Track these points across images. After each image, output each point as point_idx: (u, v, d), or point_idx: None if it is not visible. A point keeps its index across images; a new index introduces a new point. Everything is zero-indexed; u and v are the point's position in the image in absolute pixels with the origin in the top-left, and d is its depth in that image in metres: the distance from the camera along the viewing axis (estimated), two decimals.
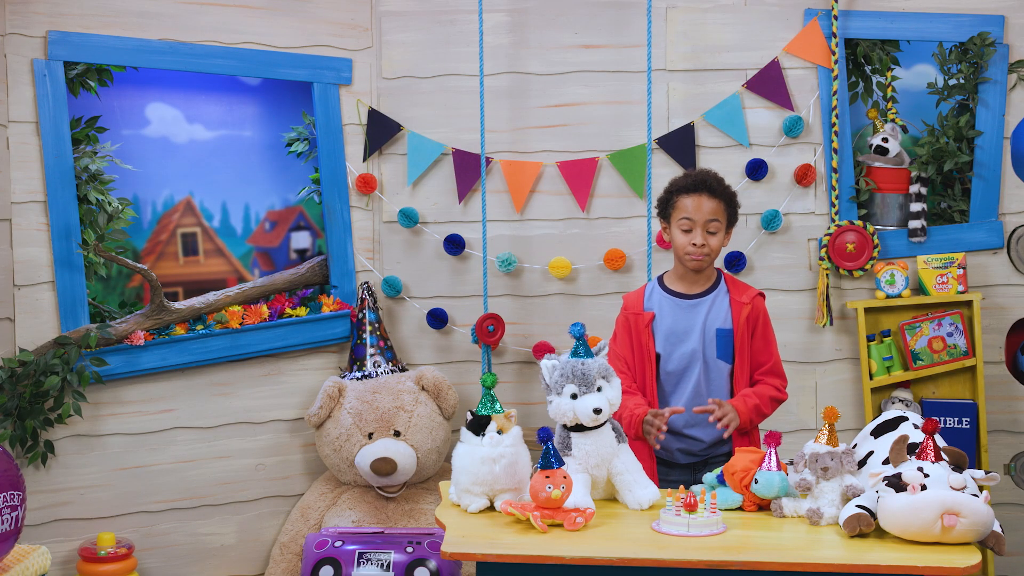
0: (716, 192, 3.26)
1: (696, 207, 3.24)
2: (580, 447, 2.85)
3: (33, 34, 3.85)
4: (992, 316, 4.27)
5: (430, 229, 4.37)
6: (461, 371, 4.39)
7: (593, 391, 2.80)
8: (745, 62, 4.30)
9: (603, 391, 2.81)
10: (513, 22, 4.34)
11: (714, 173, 3.33)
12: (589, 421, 2.81)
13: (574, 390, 2.81)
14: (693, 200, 3.25)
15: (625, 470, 2.87)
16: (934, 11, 4.25)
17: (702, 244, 3.23)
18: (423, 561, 3.79)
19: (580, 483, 2.83)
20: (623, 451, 2.88)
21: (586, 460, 2.85)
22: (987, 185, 4.26)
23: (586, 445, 2.85)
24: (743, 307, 3.28)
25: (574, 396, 2.81)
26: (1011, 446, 4.30)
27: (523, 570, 2.60)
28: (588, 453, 2.85)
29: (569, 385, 2.81)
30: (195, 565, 4.18)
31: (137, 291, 4.08)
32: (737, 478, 2.86)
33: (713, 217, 3.24)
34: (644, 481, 2.88)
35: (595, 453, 2.85)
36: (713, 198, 3.25)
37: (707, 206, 3.24)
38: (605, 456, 2.85)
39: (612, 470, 2.87)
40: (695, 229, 3.24)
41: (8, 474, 3.08)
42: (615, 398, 2.83)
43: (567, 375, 2.82)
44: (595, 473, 2.87)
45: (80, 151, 3.94)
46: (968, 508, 2.53)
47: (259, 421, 4.24)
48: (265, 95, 4.27)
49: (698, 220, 3.24)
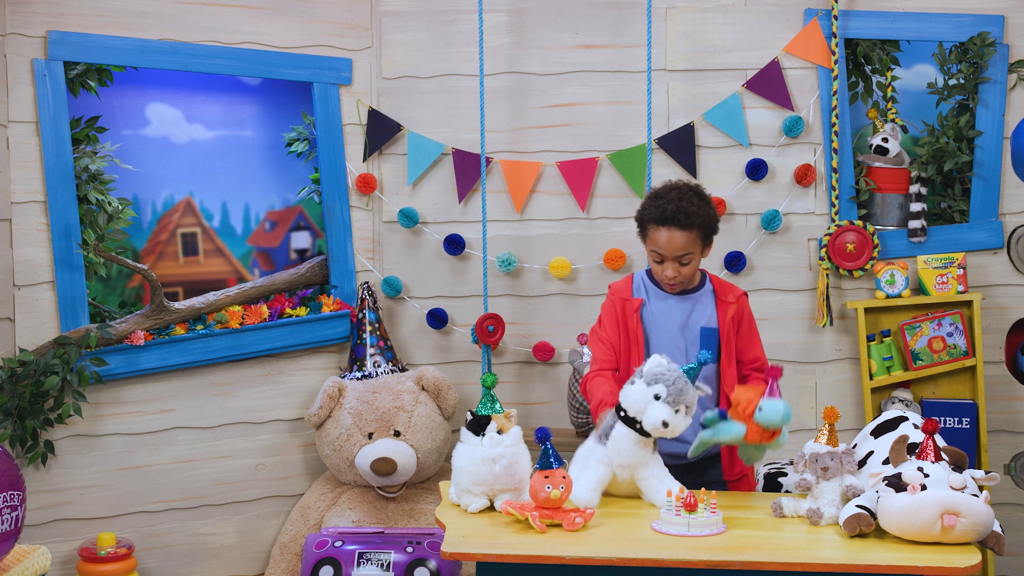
0: (687, 225, 3.08)
1: (667, 243, 3.10)
2: (619, 441, 2.85)
3: (33, 34, 3.85)
4: (992, 316, 4.27)
5: (430, 229, 4.37)
6: (461, 371, 4.39)
7: (677, 407, 2.80)
8: (745, 62, 4.30)
9: (679, 414, 2.81)
10: (513, 22, 4.34)
11: (689, 196, 3.13)
12: (650, 428, 2.81)
13: (663, 394, 2.80)
14: (663, 235, 3.10)
15: (652, 476, 2.88)
16: (934, 11, 4.25)
17: (673, 275, 3.14)
18: (423, 561, 3.79)
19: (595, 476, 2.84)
20: (655, 460, 2.89)
21: (616, 455, 2.85)
22: (987, 185, 4.26)
23: (625, 442, 2.85)
24: (729, 306, 3.21)
25: (658, 397, 2.81)
26: (1011, 446, 4.30)
27: (523, 570, 2.61)
28: (621, 451, 2.85)
29: (662, 386, 2.81)
30: (195, 565, 4.18)
31: (137, 291, 4.08)
32: (740, 408, 2.85)
33: (684, 252, 3.11)
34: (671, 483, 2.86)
35: (628, 454, 2.85)
36: (684, 231, 3.08)
37: (678, 241, 3.10)
38: (636, 462, 2.86)
39: (638, 475, 2.88)
40: (666, 262, 3.13)
41: (8, 474, 3.08)
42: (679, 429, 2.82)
43: (668, 380, 2.81)
44: (619, 472, 2.87)
45: (80, 151, 3.94)
46: (968, 508, 2.53)
47: (259, 421, 4.24)
48: (265, 95, 4.27)
49: (668, 255, 3.12)
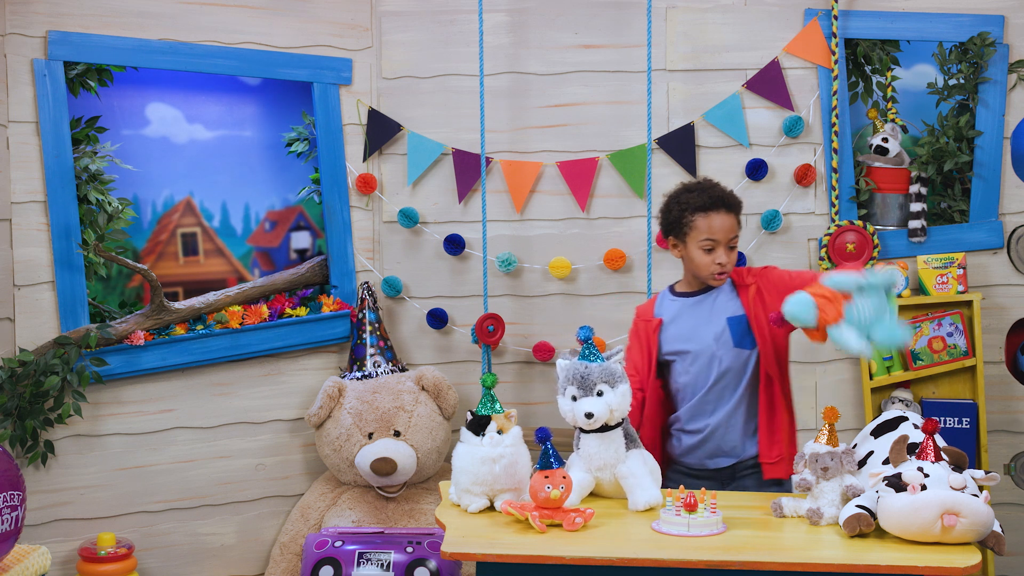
0: (732, 207, 3.19)
1: (720, 227, 3.16)
2: (586, 447, 2.86)
3: (33, 34, 3.85)
4: (992, 316, 4.27)
5: (430, 229, 4.37)
6: (461, 371, 4.39)
7: (592, 395, 2.80)
8: (745, 62, 4.30)
9: (604, 396, 2.81)
10: (513, 22, 4.34)
11: (722, 185, 3.26)
12: (584, 424, 2.82)
13: (575, 392, 2.82)
14: (713, 219, 3.16)
15: (630, 474, 2.86)
16: (934, 11, 4.25)
17: (726, 261, 3.17)
18: (423, 561, 3.79)
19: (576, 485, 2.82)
20: (632, 456, 2.87)
21: (590, 460, 2.86)
22: (987, 185, 4.26)
23: (591, 447, 2.86)
24: (748, 289, 3.21)
25: (575, 398, 2.82)
26: (1011, 446, 4.29)
27: (523, 570, 2.61)
28: (592, 455, 2.86)
29: (571, 387, 2.83)
30: (195, 565, 4.18)
31: (137, 291, 4.08)
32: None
33: (734, 233, 3.18)
34: (647, 485, 2.86)
35: (599, 456, 2.86)
36: (730, 213, 3.18)
37: (727, 223, 3.17)
38: (609, 460, 2.86)
39: (618, 474, 2.87)
40: (718, 248, 3.16)
41: (8, 474, 3.08)
42: (617, 404, 2.81)
43: (569, 377, 2.83)
44: (599, 475, 2.88)
45: (80, 151, 3.94)
46: (968, 508, 2.53)
47: (259, 421, 4.24)
48: (265, 95, 4.27)
49: (722, 240, 3.16)
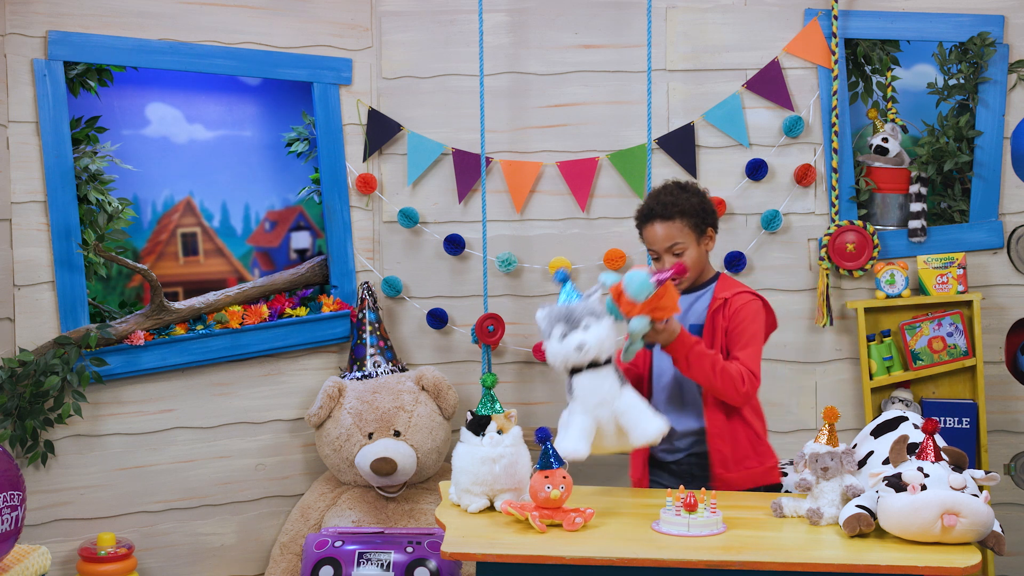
0: (666, 215, 3.13)
1: (653, 238, 3.15)
2: (579, 387, 2.83)
3: (33, 34, 3.85)
4: (992, 316, 4.27)
5: (430, 229, 4.37)
6: (461, 371, 4.39)
7: (579, 329, 2.80)
8: (745, 62, 4.30)
9: (591, 329, 2.80)
10: (513, 22, 4.34)
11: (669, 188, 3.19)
12: (575, 357, 2.80)
13: (562, 330, 2.81)
14: (649, 231, 3.16)
15: (630, 407, 2.84)
16: (934, 11, 4.25)
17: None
18: (423, 561, 3.79)
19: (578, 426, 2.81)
20: (627, 391, 2.85)
21: (586, 399, 2.83)
22: (987, 185, 4.26)
23: (584, 384, 2.83)
24: (716, 302, 3.18)
25: (563, 337, 2.81)
26: (1011, 446, 4.30)
27: (523, 570, 2.61)
28: (587, 393, 2.83)
29: (557, 327, 2.81)
30: (195, 565, 4.18)
31: (137, 291, 4.08)
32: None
33: (671, 243, 3.14)
34: (650, 414, 2.84)
35: (595, 391, 2.82)
36: (665, 221, 3.13)
37: (660, 233, 3.13)
38: (606, 396, 2.83)
39: (616, 409, 2.84)
40: (663, 257, 3.16)
41: (8, 474, 3.08)
42: (602, 335, 2.80)
43: (554, 318, 2.82)
44: (598, 414, 2.83)
45: (80, 151, 3.94)
46: (968, 508, 2.53)
47: (259, 421, 4.24)
48: (265, 95, 4.27)
49: (660, 249, 3.16)
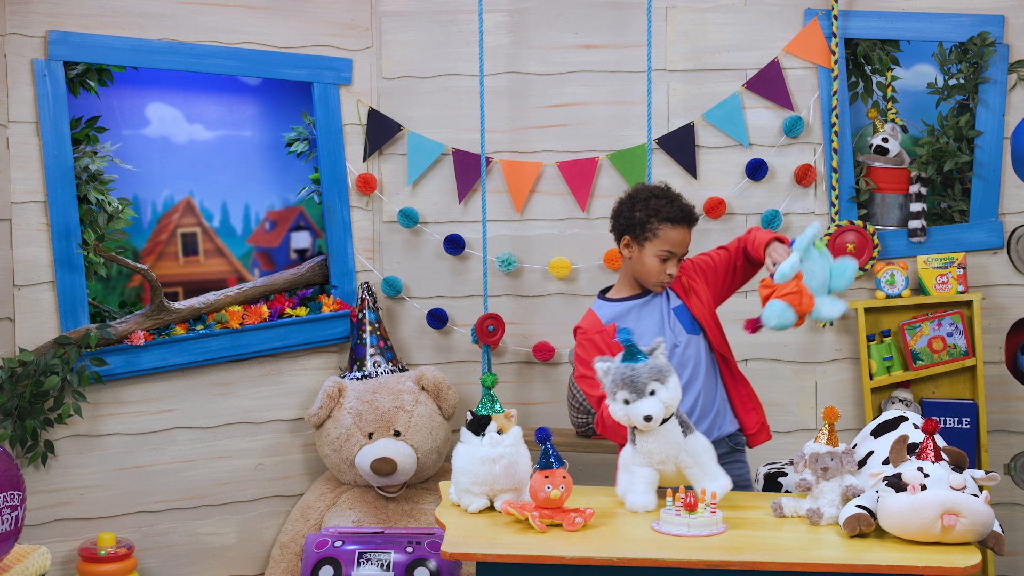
0: (694, 222, 3.24)
1: (682, 241, 3.20)
2: (643, 445, 2.83)
3: (33, 34, 3.85)
4: (992, 316, 4.27)
5: (430, 229, 4.37)
6: (461, 371, 4.39)
7: (645, 396, 2.78)
8: (745, 62, 4.30)
9: (656, 394, 2.78)
10: (513, 22, 4.34)
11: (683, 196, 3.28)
12: (642, 427, 2.79)
13: (626, 396, 2.80)
14: (680, 233, 3.19)
15: (693, 464, 2.83)
16: (934, 11, 4.25)
17: (675, 272, 3.21)
18: (423, 561, 3.79)
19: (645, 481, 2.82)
20: (691, 442, 2.84)
21: (651, 455, 2.83)
22: (987, 185, 4.26)
23: (649, 443, 2.82)
24: (679, 279, 3.27)
25: (627, 402, 2.80)
26: (1011, 446, 4.29)
27: (523, 570, 2.61)
28: (651, 451, 2.82)
29: (621, 392, 2.80)
30: (195, 565, 4.18)
31: (137, 291, 4.08)
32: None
33: (688, 249, 3.24)
34: (713, 472, 2.84)
35: (659, 450, 2.82)
36: (690, 228, 3.23)
37: (688, 239, 3.22)
38: (670, 452, 2.82)
39: (680, 464, 2.83)
40: (672, 260, 3.20)
41: (8, 474, 3.08)
42: (671, 399, 2.79)
43: (618, 382, 2.80)
44: (662, 468, 2.84)
45: (80, 151, 3.94)
46: (968, 508, 2.53)
47: (259, 421, 4.24)
48: (265, 95, 4.27)
49: (679, 253, 3.21)
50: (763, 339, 3.36)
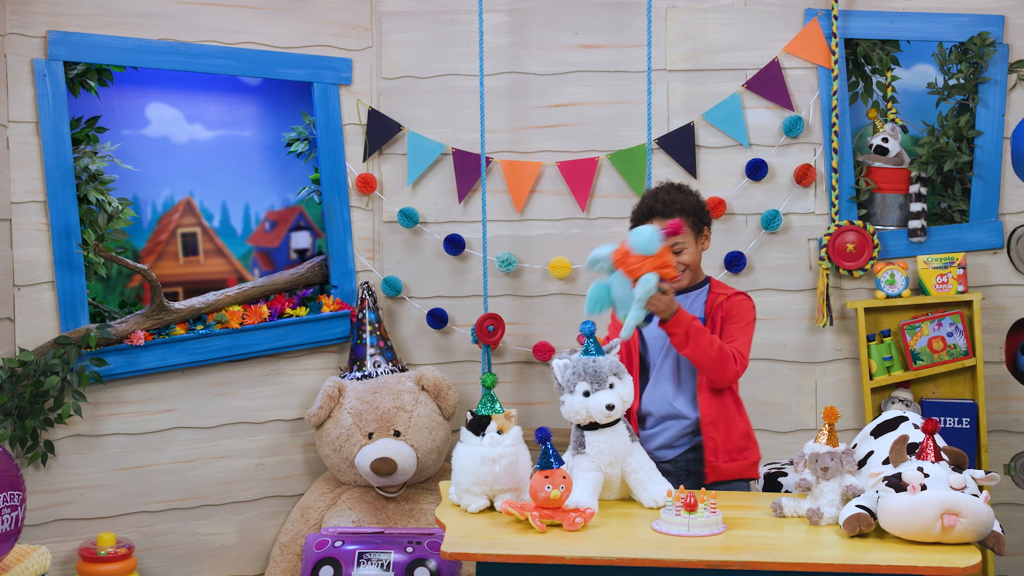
0: (667, 213, 3.19)
1: None
2: (594, 445, 2.85)
3: (33, 34, 3.85)
4: (992, 316, 4.27)
5: (430, 229, 4.37)
6: (461, 371, 4.39)
7: (605, 388, 2.82)
8: (745, 62, 4.30)
9: (615, 388, 2.82)
10: (513, 22, 4.34)
11: (665, 188, 3.25)
12: (602, 418, 2.82)
13: (586, 388, 2.82)
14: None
15: (639, 468, 2.88)
16: (934, 11, 4.25)
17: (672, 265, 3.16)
18: (423, 561, 3.79)
19: (590, 482, 2.83)
20: (636, 449, 2.90)
21: (600, 458, 2.85)
22: (987, 185, 4.26)
23: (600, 443, 2.85)
24: (716, 297, 3.25)
25: (587, 394, 2.82)
26: (1011, 446, 4.29)
27: (523, 570, 2.61)
28: (602, 451, 2.85)
29: (581, 383, 2.82)
30: (195, 565, 4.18)
31: (137, 291, 4.08)
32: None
33: (673, 240, 3.17)
34: (657, 478, 2.89)
35: (609, 451, 2.85)
36: (666, 220, 3.17)
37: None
38: (619, 454, 2.86)
39: (626, 468, 2.88)
40: None
41: (8, 474, 3.08)
42: (627, 395, 2.84)
43: (579, 373, 2.83)
44: (609, 471, 2.87)
45: (80, 151, 3.94)
46: (968, 508, 2.53)
47: (259, 421, 4.24)
48: (265, 95, 4.27)
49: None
50: (763, 339, 3.36)
